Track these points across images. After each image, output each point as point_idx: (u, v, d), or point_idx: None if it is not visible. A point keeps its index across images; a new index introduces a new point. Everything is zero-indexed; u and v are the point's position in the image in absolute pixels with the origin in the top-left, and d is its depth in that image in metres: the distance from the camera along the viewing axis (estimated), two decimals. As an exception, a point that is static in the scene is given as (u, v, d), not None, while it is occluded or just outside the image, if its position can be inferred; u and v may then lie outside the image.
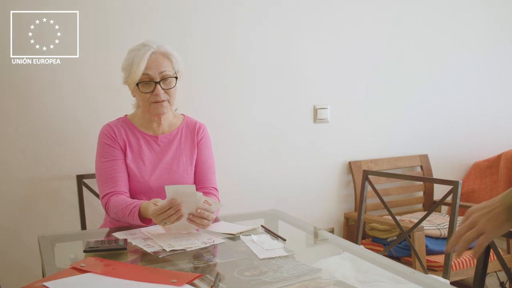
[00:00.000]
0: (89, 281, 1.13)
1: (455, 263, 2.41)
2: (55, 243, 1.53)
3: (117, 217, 1.65)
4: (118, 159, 1.75)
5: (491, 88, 3.35)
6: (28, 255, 2.14)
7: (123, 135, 1.79)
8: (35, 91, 2.17)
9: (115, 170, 1.73)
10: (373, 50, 2.93)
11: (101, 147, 1.78)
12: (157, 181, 1.76)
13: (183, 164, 1.81)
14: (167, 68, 1.71)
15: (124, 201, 1.64)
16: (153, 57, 1.69)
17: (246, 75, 2.57)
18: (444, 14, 3.14)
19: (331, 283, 1.12)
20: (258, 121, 2.63)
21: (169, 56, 1.73)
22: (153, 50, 1.70)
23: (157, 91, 1.70)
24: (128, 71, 1.72)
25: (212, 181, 1.86)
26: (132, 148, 1.78)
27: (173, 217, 1.44)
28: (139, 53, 1.69)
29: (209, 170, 1.86)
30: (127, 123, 1.83)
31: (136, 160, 1.77)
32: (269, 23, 2.61)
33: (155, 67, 1.69)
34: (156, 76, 1.69)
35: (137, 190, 1.75)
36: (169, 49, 1.74)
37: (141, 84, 1.70)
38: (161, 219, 1.45)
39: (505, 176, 3.00)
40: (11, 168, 2.15)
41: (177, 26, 2.40)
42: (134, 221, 1.59)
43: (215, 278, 1.12)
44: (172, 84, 1.73)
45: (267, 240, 1.45)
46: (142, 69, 1.67)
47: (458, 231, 1.06)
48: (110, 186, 1.70)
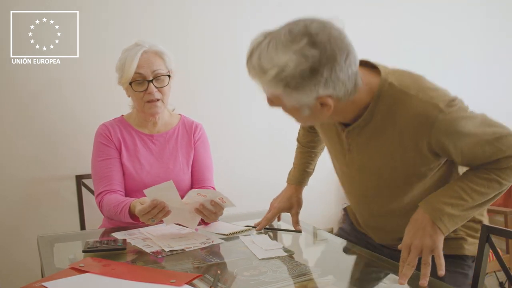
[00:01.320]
0: (88, 281, 1.13)
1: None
2: (54, 243, 1.53)
3: (110, 215, 1.66)
4: (112, 158, 1.75)
5: (491, 90, 3.35)
6: (28, 256, 2.14)
7: (118, 134, 1.79)
8: (35, 91, 2.17)
9: (110, 169, 1.73)
10: (373, 50, 2.92)
11: (97, 147, 1.79)
12: (153, 180, 1.75)
13: (179, 163, 1.82)
14: (160, 67, 1.72)
15: (116, 199, 1.65)
16: (145, 56, 1.70)
17: (245, 75, 2.57)
18: (445, 14, 3.15)
19: (331, 283, 1.12)
20: (257, 122, 2.63)
21: (161, 54, 1.73)
22: (145, 49, 1.70)
23: (150, 90, 1.70)
24: (121, 71, 1.73)
25: (210, 181, 1.87)
26: (128, 147, 1.79)
27: (159, 215, 1.45)
28: (131, 52, 1.70)
29: (206, 169, 1.86)
30: (122, 122, 1.84)
31: (131, 159, 1.78)
32: (269, 22, 2.61)
33: (147, 65, 1.69)
34: (148, 75, 1.70)
35: (133, 188, 1.76)
36: (161, 48, 1.74)
37: (134, 83, 1.71)
38: (147, 218, 1.46)
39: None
40: (11, 168, 2.15)
41: (177, 26, 2.41)
42: (125, 218, 1.59)
43: (214, 278, 1.12)
44: (165, 83, 1.73)
45: (267, 240, 1.45)
46: (134, 68, 1.68)
47: (401, 261, 1.15)
48: (104, 185, 1.71)
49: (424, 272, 1.12)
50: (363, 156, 1.25)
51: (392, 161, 1.20)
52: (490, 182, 1.16)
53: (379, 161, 1.23)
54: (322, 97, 1.09)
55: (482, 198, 1.17)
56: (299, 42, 1.05)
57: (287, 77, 1.05)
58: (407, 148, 1.17)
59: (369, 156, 1.24)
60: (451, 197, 1.16)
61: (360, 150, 1.25)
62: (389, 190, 1.27)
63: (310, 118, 1.15)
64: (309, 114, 1.13)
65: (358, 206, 1.43)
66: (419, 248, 1.13)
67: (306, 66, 1.04)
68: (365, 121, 1.20)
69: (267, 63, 1.07)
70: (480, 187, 1.16)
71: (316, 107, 1.11)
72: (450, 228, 1.15)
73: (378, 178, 1.26)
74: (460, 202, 1.15)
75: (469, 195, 1.16)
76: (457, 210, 1.15)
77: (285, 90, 1.08)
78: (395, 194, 1.27)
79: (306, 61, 1.04)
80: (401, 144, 1.17)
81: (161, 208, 1.43)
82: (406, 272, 1.12)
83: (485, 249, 1.33)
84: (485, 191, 1.16)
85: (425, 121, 1.13)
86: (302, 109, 1.12)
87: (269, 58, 1.07)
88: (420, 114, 1.13)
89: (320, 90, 1.07)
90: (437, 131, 1.12)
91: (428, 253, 1.13)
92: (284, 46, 1.05)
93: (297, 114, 1.15)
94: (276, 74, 1.06)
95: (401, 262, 1.14)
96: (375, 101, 1.17)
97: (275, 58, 1.05)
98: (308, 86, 1.06)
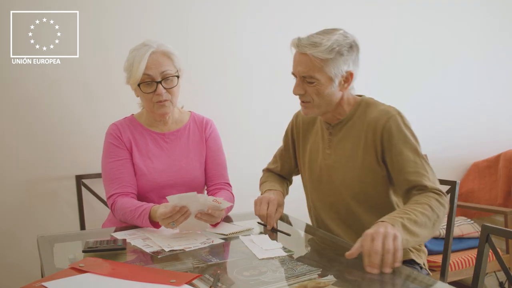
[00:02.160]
0: (88, 281, 1.13)
1: (454, 263, 2.41)
2: (54, 243, 1.53)
3: (124, 218, 1.64)
4: (123, 159, 1.74)
5: (491, 90, 3.35)
6: (27, 255, 2.14)
7: (129, 134, 1.78)
8: (35, 91, 2.17)
9: (120, 171, 1.72)
10: (373, 50, 2.93)
11: (107, 147, 1.77)
12: (166, 179, 1.75)
13: (192, 161, 1.81)
14: (168, 67, 1.70)
15: (132, 203, 1.63)
16: (153, 56, 1.68)
17: (246, 75, 2.58)
18: (445, 14, 3.15)
19: (330, 283, 1.12)
20: (258, 122, 2.63)
21: (169, 54, 1.72)
22: (153, 49, 1.68)
23: (159, 91, 1.69)
24: (129, 71, 1.71)
25: (224, 177, 1.86)
26: (139, 147, 1.77)
27: (180, 219, 1.46)
28: (139, 53, 1.68)
29: (220, 166, 1.86)
30: (133, 122, 1.82)
31: (143, 158, 1.76)
32: (269, 22, 2.61)
33: (156, 67, 1.68)
34: (157, 76, 1.68)
35: (147, 188, 1.74)
36: (169, 48, 1.73)
37: (142, 85, 1.69)
38: (168, 222, 1.47)
39: (504, 176, 3.00)
40: (11, 168, 2.15)
41: (177, 25, 2.41)
42: (143, 223, 1.58)
43: (214, 278, 1.13)
44: (174, 83, 1.72)
45: (266, 240, 1.45)
46: (143, 69, 1.66)
47: (365, 250, 1.20)
48: (116, 187, 1.70)
49: (386, 259, 1.15)
50: (340, 148, 1.60)
51: (357, 154, 1.55)
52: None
53: (350, 153, 1.57)
54: (349, 71, 1.51)
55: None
56: (338, 31, 1.51)
57: (339, 45, 1.46)
58: (368, 140, 1.53)
59: (344, 148, 1.59)
60: (400, 213, 1.32)
61: (339, 143, 1.60)
62: (357, 180, 1.55)
63: (333, 93, 1.52)
64: (335, 87, 1.51)
65: (329, 210, 1.64)
66: (383, 234, 1.18)
67: (348, 42, 1.49)
68: (346, 120, 1.60)
69: (320, 40, 1.46)
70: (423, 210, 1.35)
71: (342, 80, 1.51)
72: (404, 233, 1.24)
73: (348, 167, 1.57)
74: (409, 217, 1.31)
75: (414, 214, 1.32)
76: (407, 222, 1.28)
77: (336, 57, 1.46)
78: (359, 189, 1.55)
79: (347, 39, 1.50)
80: (366, 138, 1.53)
81: (183, 212, 1.45)
82: (374, 260, 1.15)
83: (485, 249, 1.34)
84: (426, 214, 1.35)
85: (385, 115, 1.52)
86: (335, 80, 1.50)
87: (320, 38, 1.46)
88: (383, 111, 1.53)
89: (350, 64, 1.51)
90: (392, 124, 1.49)
91: (391, 239, 1.17)
92: (328, 33, 1.49)
93: (327, 86, 1.50)
94: (331, 44, 1.45)
95: (366, 251, 1.18)
96: (355, 108, 1.60)
97: (325, 37, 1.46)
98: (349, 56, 1.49)
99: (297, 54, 1.51)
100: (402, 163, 1.47)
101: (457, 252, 2.55)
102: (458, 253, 2.53)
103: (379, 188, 1.55)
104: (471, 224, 2.70)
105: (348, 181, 1.57)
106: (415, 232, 1.28)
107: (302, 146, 1.74)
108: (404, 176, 1.47)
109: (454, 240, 2.54)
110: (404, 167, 1.47)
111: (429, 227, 1.33)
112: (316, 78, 1.48)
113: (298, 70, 1.51)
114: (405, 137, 1.49)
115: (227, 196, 1.76)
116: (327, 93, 1.51)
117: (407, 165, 1.47)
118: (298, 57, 1.50)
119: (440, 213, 1.38)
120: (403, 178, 1.47)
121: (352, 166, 1.56)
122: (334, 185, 1.61)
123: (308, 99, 1.54)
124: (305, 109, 1.58)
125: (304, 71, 1.48)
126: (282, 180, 1.85)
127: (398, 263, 1.17)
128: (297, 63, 1.51)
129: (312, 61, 1.46)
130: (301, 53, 1.48)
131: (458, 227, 2.63)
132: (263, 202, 1.63)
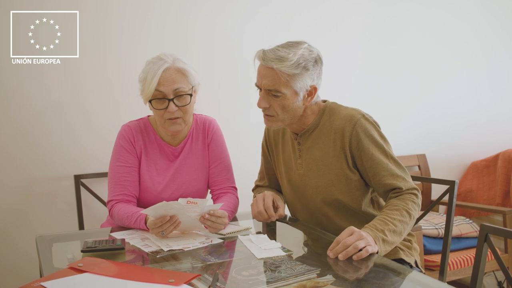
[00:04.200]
0: (86, 281, 1.13)
1: (452, 262, 2.41)
2: (52, 243, 1.53)
3: (121, 223, 1.64)
4: (131, 166, 1.72)
5: (490, 90, 3.35)
6: (26, 255, 2.15)
7: (141, 142, 1.75)
8: (34, 91, 2.17)
9: (126, 178, 1.71)
10: (372, 50, 2.93)
11: (118, 150, 1.74)
12: (169, 193, 1.75)
13: (196, 174, 1.79)
14: (182, 84, 1.64)
15: (129, 209, 1.63)
16: (167, 72, 1.61)
17: (247, 75, 2.58)
18: (445, 13, 3.15)
19: (329, 283, 1.12)
20: (258, 121, 2.63)
21: (184, 71, 1.65)
22: (167, 65, 1.62)
23: (170, 109, 1.63)
24: (142, 85, 1.66)
25: (229, 180, 1.82)
26: (148, 157, 1.75)
27: (169, 228, 1.46)
28: (153, 67, 1.62)
29: (224, 169, 1.82)
30: (147, 127, 1.78)
31: (150, 170, 1.75)
32: (269, 22, 2.62)
33: (169, 83, 1.61)
34: (169, 93, 1.62)
35: (149, 201, 1.71)
36: (185, 64, 1.67)
37: (154, 101, 1.64)
38: (157, 231, 1.46)
39: (503, 176, 3.01)
40: (10, 168, 2.16)
41: (177, 25, 2.41)
42: (140, 228, 1.59)
43: (213, 278, 1.13)
44: (187, 101, 1.66)
45: (265, 240, 1.46)
46: (155, 85, 1.60)
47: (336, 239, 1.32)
48: (118, 193, 1.69)
49: (348, 252, 1.25)
50: (310, 157, 1.60)
51: (328, 162, 1.57)
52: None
53: (320, 161, 1.58)
54: (313, 85, 1.52)
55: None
56: (303, 44, 1.51)
57: (305, 60, 1.47)
58: (336, 147, 1.55)
59: (314, 157, 1.59)
60: (381, 224, 1.40)
61: (308, 152, 1.61)
62: (329, 183, 1.57)
63: (297, 106, 1.53)
64: (300, 101, 1.52)
65: (310, 220, 1.66)
66: (362, 238, 1.28)
67: (313, 56, 1.50)
68: (312, 128, 1.60)
69: (286, 54, 1.45)
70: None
71: (306, 94, 1.52)
72: (383, 246, 1.34)
73: (320, 175, 1.58)
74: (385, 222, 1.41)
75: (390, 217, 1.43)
76: (388, 233, 1.37)
77: (302, 72, 1.47)
78: (332, 190, 1.57)
79: (312, 54, 1.50)
80: (335, 145, 1.55)
81: (172, 222, 1.44)
82: (338, 249, 1.27)
83: (484, 248, 1.34)
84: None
85: (350, 120, 1.53)
86: (300, 94, 1.50)
87: (286, 52, 1.46)
88: (347, 116, 1.54)
89: (315, 79, 1.52)
90: (358, 130, 1.51)
91: (363, 244, 1.27)
92: (294, 46, 1.49)
93: (292, 101, 1.50)
94: (297, 59, 1.45)
95: (338, 239, 1.30)
96: (320, 115, 1.60)
97: (291, 51, 1.46)
98: (314, 71, 1.50)
99: (262, 67, 1.50)
100: (375, 167, 1.51)
101: (456, 251, 2.55)
102: (457, 252, 2.54)
103: (354, 193, 1.56)
104: (469, 224, 2.70)
105: (321, 189, 1.58)
106: (394, 242, 1.39)
107: (276, 157, 1.75)
108: (379, 180, 1.51)
109: (452, 239, 2.54)
110: (378, 171, 1.51)
111: (406, 231, 1.44)
112: (282, 92, 1.48)
113: (263, 83, 1.50)
114: (373, 139, 1.52)
115: (230, 201, 1.74)
116: (292, 108, 1.51)
117: (380, 168, 1.50)
118: (263, 70, 1.49)
119: (415, 214, 1.47)
120: (379, 182, 1.51)
121: (323, 174, 1.57)
122: (309, 194, 1.62)
123: (272, 113, 1.53)
124: (269, 122, 1.58)
125: (270, 84, 1.48)
126: (275, 190, 1.84)
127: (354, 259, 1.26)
128: (263, 76, 1.49)
129: (279, 75, 1.46)
130: (266, 66, 1.47)
131: (457, 226, 2.63)
132: (258, 200, 1.65)
